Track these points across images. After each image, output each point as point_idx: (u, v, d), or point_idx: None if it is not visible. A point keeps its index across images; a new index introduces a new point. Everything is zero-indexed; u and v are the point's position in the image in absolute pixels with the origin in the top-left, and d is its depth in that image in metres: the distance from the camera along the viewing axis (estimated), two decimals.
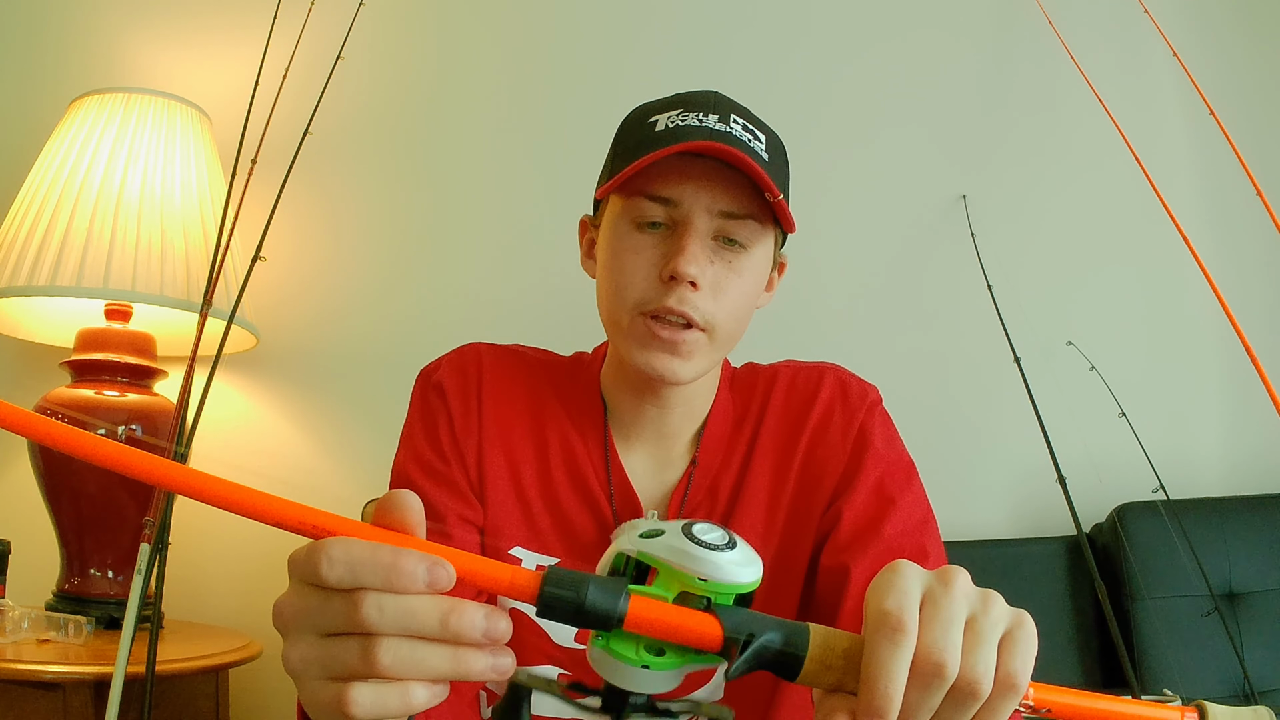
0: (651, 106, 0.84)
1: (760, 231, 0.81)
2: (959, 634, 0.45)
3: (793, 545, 0.84)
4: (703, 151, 0.76)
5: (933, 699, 0.45)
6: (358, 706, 0.42)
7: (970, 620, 0.46)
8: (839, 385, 0.89)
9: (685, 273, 0.76)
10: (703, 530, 0.46)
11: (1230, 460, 1.85)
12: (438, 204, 1.83)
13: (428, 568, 0.42)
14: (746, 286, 0.81)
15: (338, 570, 0.42)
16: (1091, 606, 1.60)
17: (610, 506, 0.86)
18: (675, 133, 0.77)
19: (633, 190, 0.79)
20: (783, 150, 0.85)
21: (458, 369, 0.88)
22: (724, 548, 0.45)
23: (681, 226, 0.78)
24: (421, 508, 0.45)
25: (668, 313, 0.78)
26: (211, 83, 1.77)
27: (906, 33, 1.95)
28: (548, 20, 1.90)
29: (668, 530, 0.46)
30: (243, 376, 1.74)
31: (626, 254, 0.80)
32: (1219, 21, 1.98)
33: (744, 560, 0.45)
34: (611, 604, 0.43)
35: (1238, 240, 1.81)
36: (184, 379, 1.32)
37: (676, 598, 0.45)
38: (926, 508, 0.85)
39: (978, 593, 0.48)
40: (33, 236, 1.42)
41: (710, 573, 0.44)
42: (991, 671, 0.45)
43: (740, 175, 0.77)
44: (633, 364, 0.81)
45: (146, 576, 1.18)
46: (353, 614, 0.42)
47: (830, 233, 1.87)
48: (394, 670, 0.42)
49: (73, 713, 1.17)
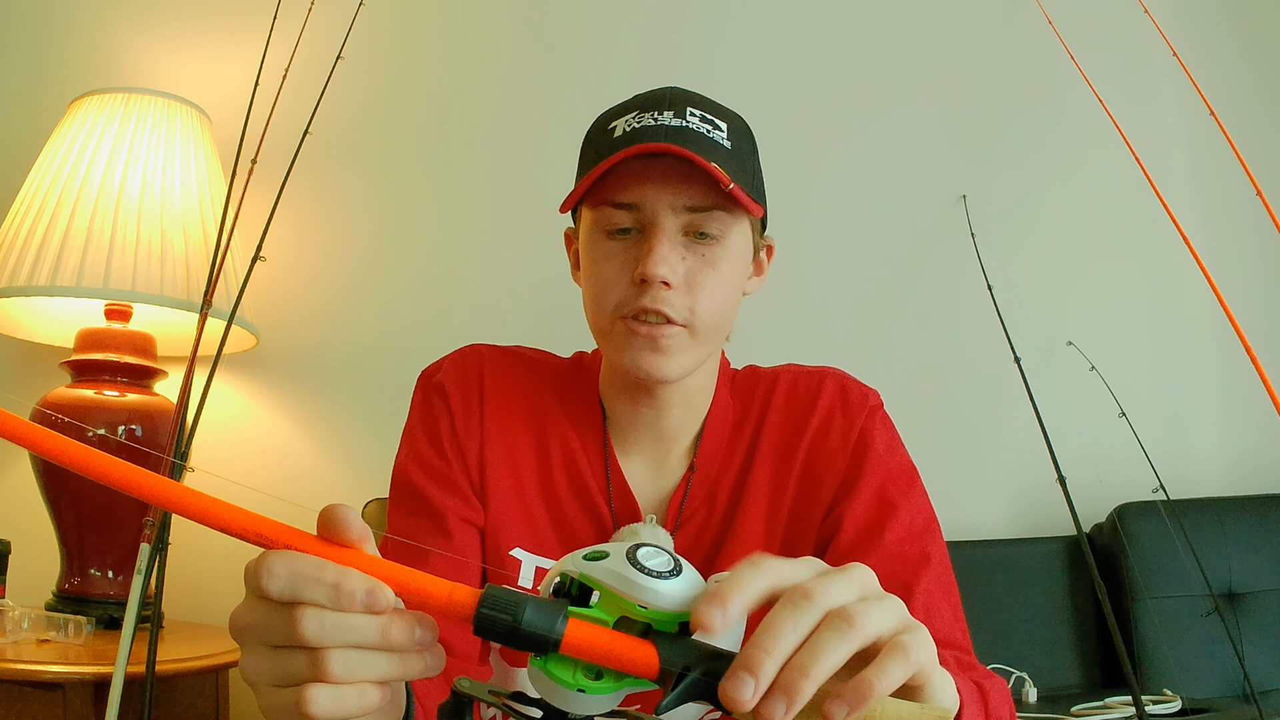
0: (611, 112, 0.84)
1: (731, 221, 0.80)
2: (839, 588, 0.44)
3: (792, 551, 0.84)
4: (653, 152, 0.76)
5: (798, 618, 0.42)
6: (317, 706, 0.43)
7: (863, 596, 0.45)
8: (840, 390, 0.89)
9: (654, 274, 0.76)
10: (647, 555, 0.45)
11: (1230, 460, 1.85)
12: (438, 203, 1.83)
13: (368, 590, 0.43)
14: (724, 278, 0.80)
15: (279, 583, 0.43)
16: (1091, 606, 1.60)
17: (609, 510, 0.86)
18: (632, 135, 0.78)
19: (598, 200, 0.80)
20: (748, 134, 0.85)
21: (459, 370, 0.88)
22: (667, 575, 0.44)
23: (649, 229, 0.78)
24: (361, 522, 0.45)
25: (644, 313, 0.78)
26: (211, 83, 1.77)
27: (906, 33, 1.95)
28: (548, 19, 1.90)
29: (612, 553, 0.45)
30: (243, 376, 1.74)
31: (600, 262, 0.81)
32: (1219, 21, 1.97)
33: (687, 587, 0.44)
34: (548, 627, 0.42)
35: (1238, 240, 1.81)
36: (184, 379, 1.32)
37: (617, 622, 0.44)
38: (929, 512, 0.84)
39: (879, 588, 0.47)
40: (33, 236, 1.42)
41: (650, 600, 0.43)
42: (875, 614, 0.43)
43: (699, 169, 0.77)
44: (621, 366, 0.82)
45: (146, 576, 1.18)
46: (294, 629, 0.43)
47: (830, 232, 1.87)
48: (346, 678, 0.43)
49: (73, 713, 1.17)
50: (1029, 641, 1.58)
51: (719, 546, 0.84)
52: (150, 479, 0.43)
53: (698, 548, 0.85)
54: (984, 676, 0.64)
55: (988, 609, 1.59)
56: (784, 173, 1.91)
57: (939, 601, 0.77)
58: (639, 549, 0.45)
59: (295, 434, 1.75)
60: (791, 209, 1.88)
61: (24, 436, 0.42)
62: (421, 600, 0.44)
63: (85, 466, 0.43)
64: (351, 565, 0.44)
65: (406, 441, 0.88)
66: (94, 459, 0.43)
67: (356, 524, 0.45)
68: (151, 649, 1.16)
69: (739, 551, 0.84)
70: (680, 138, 0.76)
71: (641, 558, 0.44)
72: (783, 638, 0.42)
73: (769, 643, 0.42)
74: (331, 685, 0.43)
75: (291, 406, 1.75)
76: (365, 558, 0.45)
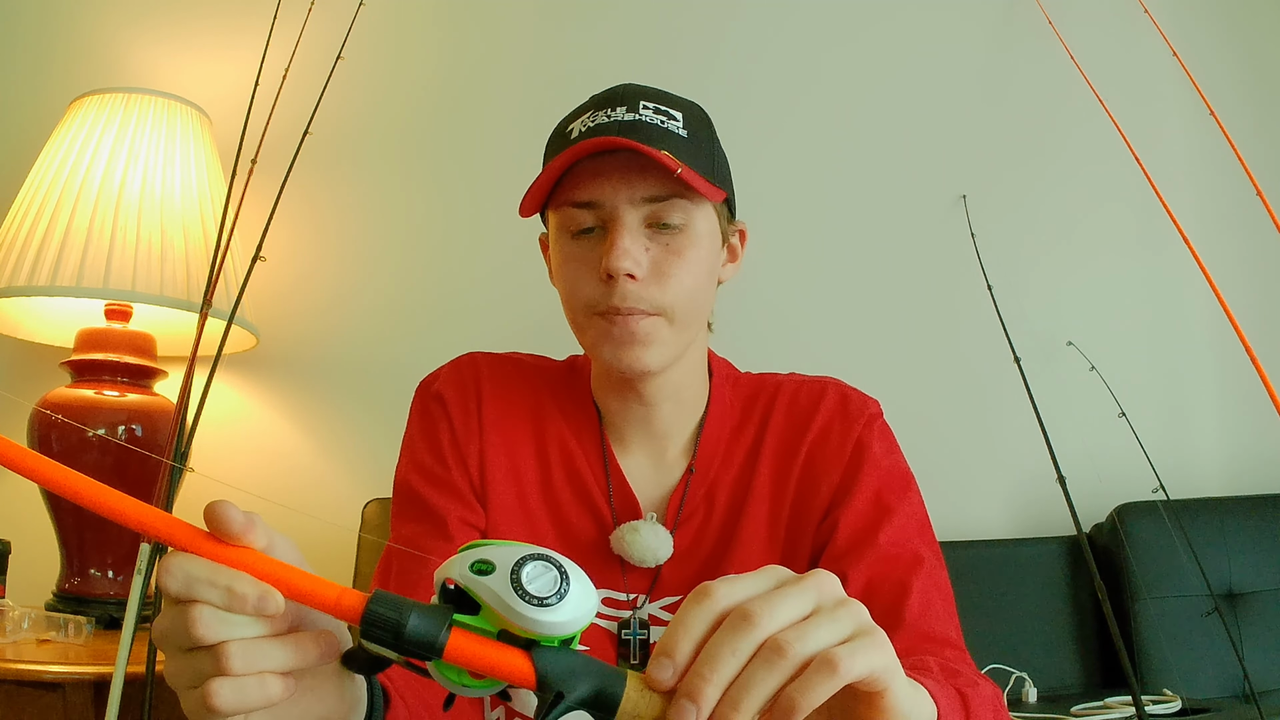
0: (570, 115, 0.86)
1: (692, 208, 0.80)
2: (787, 606, 0.44)
3: (791, 556, 0.85)
4: (604, 148, 0.77)
5: (735, 642, 0.43)
6: (220, 699, 0.45)
7: (815, 610, 0.45)
8: (840, 398, 0.89)
9: (617, 268, 0.77)
10: (532, 576, 0.44)
11: (1230, 460, 1.85)
12: (438, 203, 1.83)
13: (259, 596, 0.45)
14: (691, 264, 0.80)
15: (176, 584, 0.45)
16: (1091, 606, 1.60)
17: (610, 508, 0.86)
18: (585, 135, 0.79)
19: (560, 202, 0.81)
20: (705, 121, 0.86)
21: (457, 378, 0.89)
22: (551, 601, 0.43)
23: (610, 225, 0.79)
24: (242, 514, 0.46)
25: (615, 311, 0.79)
26: (211, 83, 1.77)
27: (907, 33, 1.95)
28: (547, 19, 1.90)
29: (498, 566, 0.44)
30: (243, 376, 1.74)
31: (569, 263, 0.82)
32: (1219, 21, 1.98)
33: (573, 609, 0.44)
34: (432, 636, 0.43)
35: (1238, 240, 1.81)
36: (184, 379, 1.32)
37: (500, 633, 0.45)
38: (923, 517, 0.85)
39: (838, 595, 0.47)
40: (33, 236, 1.42)
41: (530, 627, 0.43)
42: (809, 642, 0.43)
43: (654, 161, 0.78)
44: (603, 362, 0.83)
45: (146, 576, 1.18)
46: (192, 628, 0.45)
47: (830, 232, 1.87)
48: (245, 670, 0.45)
49: (73, 713, 1.17)
50: (1029, 641, 1.58)
51: (723, 551, 0.85)
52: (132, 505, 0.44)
53: (698, 548, 0.85)
54: (969, 684, 0.63)
55: (988, 609, 1.59)
56: (784, 172, 1.92)
57: (933, 601, 0.78)
58: (525, 565, 0.44)
59: (295, 434, 1.75)
60: (792, 209, 1.89)
61: (16, 463, 0.43)
62: (310, 603, 0.45)
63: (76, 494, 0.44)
64: (244, 565, 0.45)
65: (406, 451, 0.89)
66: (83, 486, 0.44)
67: (238, 518, 0.46)
68: (151, 649, 1.16)
69: (743, 556, 0.84)
70: (632, 131, 0.77)
71: (526, 580, 0.44)
72: (722, 665, 0.43)
73: (709, 670, 0.43)
74: (232, 678, 0.45)
75: (291, 406, 1.75)
76: (256, 557, 0.46)
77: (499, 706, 0.84)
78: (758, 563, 0.84)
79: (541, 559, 0.45)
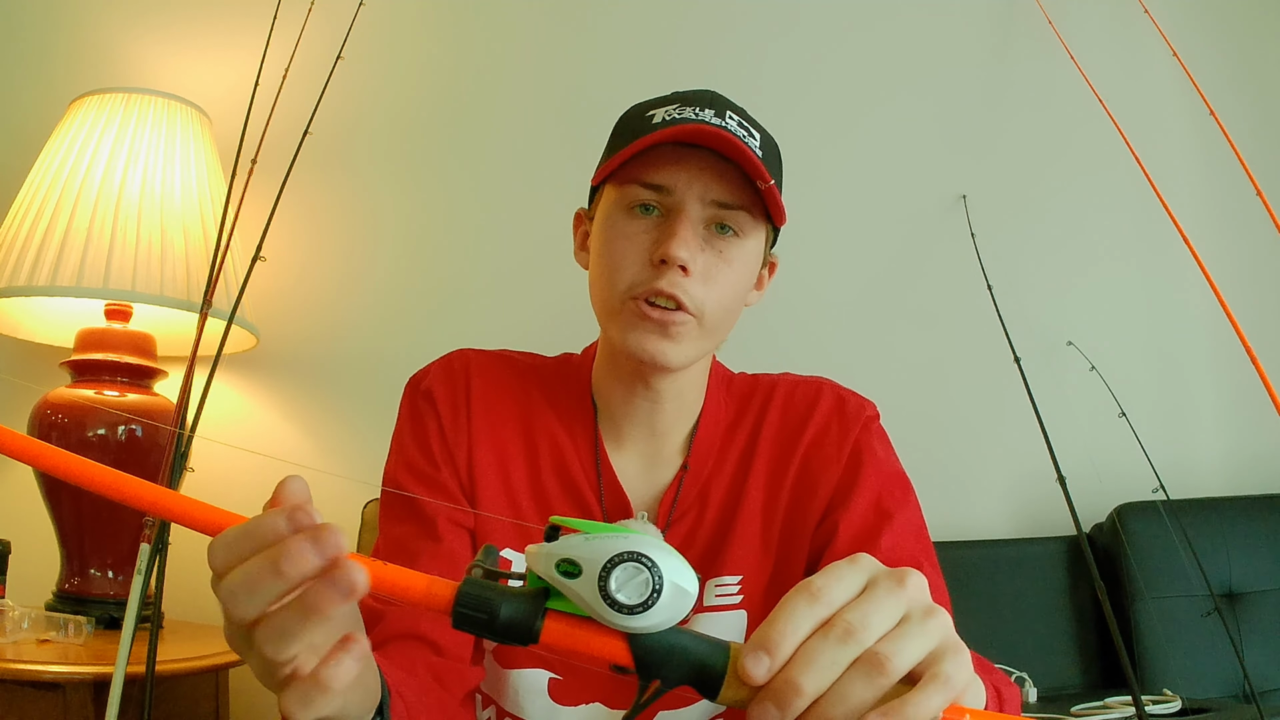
0: (649, 102, 0.85)
1: (752, 224, 0.81)
2: (883, 614, 0.43)
3: (787, 558, 0.85)
4: (698, 139, 0.77)
5: (836, 653, 0.42)
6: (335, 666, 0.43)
7: (905, 616, 0.44)
8: (836, 400, 0.89)
9: (676, 256, 0.77)
10: (620, 583, 0.41)
11: (1230, 460, 1.85)
12: (438, 203, 1.83)
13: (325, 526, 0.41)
14: (736, 277, 0.81)
15: (219, 558, 0.43)
16: (1091, 606, 1.60)
17: (600, 506, 0.86)
18: (672, 124, 0.78)
19: (627, 178, 0.80)
20: (776, 152, 0.86)
21: (446, 375, 0.89)
22: (637, 610, 0.41)
23: (674, 213, 0.79)
24: (306, 490, 0.45)
25: (658, 294, 0.78)
26: (211, 83, 1.77)
27: (907, 33, 1.95)
28: (547, 18, 1.90)
29: (584, 572, 0.42)
30: (242, 376, 1.74)
31: (619, 240, 0.81)
32: (1219, 22, 1.98)
33: (664, 615, 0.42)
34: (527, 625, 0.43)
35: (1238, 240, 1.81)
36: (184, 379, 1.32)
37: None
38: (921, 522, 0.86)
39: (925, 603, 0.46)
40: (33, 236, 1.42)
41: (621, 628, 0.43)
42: (907, 656, 0.43)
43: (733, 168, 0.78)
44: (624, 348, 0.81)
45: (146, 576, 1.18)
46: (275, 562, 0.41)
47: (830, 232, 1.87)
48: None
49: (73, 713, 1.17)
50: (1029, 641, 1.58)
51: (715, 551, 0.85)
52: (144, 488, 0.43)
53: (690, 547, 0.85)
54: (1003, 682, 0.64)
55: (988, 609, 1.59)
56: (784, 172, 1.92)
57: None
58: (613, 570, 0.41)
59: (295, 434, 1.75)
60: (791, 209, 1.88)
61: (21, 450, 0.43)
62: (401, 594, 0.44)
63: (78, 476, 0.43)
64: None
65: (395, 448, 0.89)
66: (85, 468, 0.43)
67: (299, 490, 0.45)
68: (151, 649, 1.16)
69: (736, 556, 0.84)
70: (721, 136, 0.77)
71: (615, 588, 0.41)
72: (820, 674, 0.41)
73: (805, 679, 0.41)
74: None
75: (291, 406, 1.75)
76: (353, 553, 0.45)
77: (490, 705, 0.83)
78: (751, 563, 0.85)
79: (633, 559, 0.42)
